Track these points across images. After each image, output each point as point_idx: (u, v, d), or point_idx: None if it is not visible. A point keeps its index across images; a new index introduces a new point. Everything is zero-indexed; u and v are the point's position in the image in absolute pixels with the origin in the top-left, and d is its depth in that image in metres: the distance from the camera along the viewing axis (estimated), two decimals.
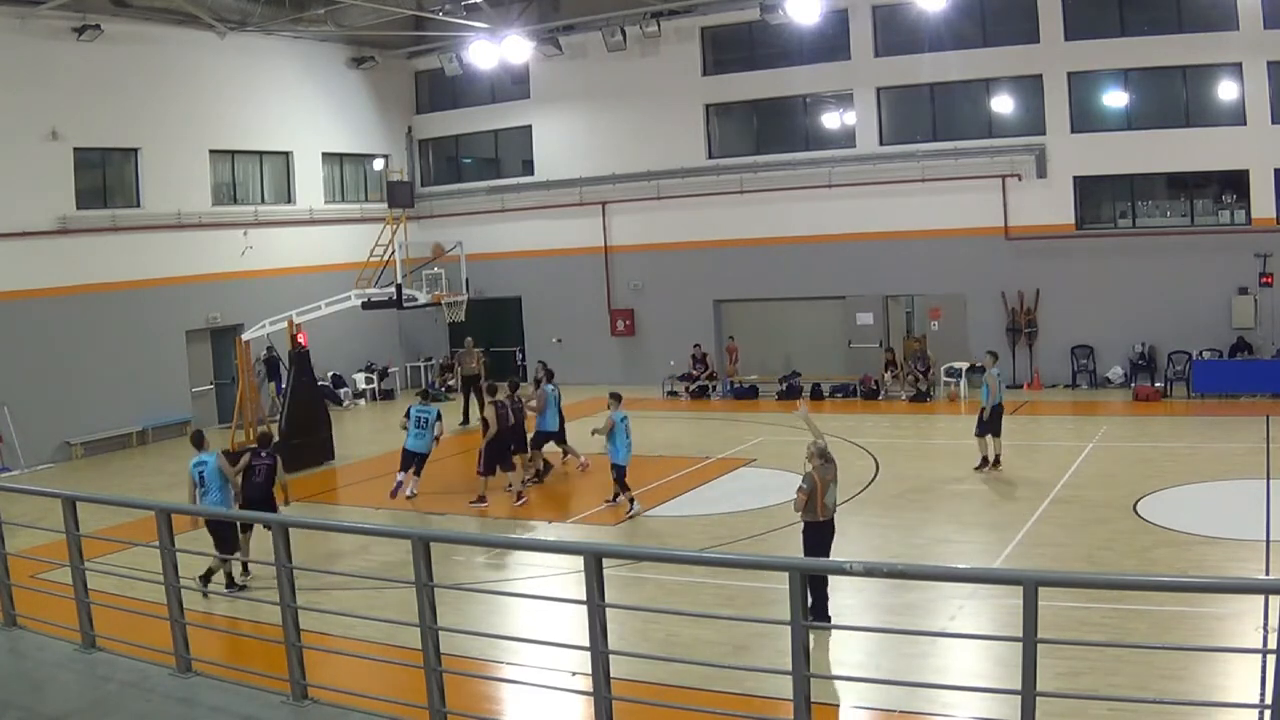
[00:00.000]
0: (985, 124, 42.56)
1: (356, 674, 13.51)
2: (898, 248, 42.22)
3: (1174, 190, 41.64)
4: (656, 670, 13.93)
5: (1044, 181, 41.02)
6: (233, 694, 11.57)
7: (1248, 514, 22.88)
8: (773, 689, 12.74)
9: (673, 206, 45.46)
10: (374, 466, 33.14)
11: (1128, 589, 17.09)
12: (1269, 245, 38.67)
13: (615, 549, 16.62)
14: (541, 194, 47.66)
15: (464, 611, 17.12)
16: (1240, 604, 16.77)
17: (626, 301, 47.07)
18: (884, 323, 43.72)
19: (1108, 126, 41.31)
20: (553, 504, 28.06)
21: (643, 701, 12.25)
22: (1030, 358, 41.63)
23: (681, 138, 45.34)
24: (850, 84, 43.44)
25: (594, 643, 9.53)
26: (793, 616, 8.98)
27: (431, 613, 10.16)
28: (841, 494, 24.99)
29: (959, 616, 17.25)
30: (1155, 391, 39.05)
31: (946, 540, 22.69)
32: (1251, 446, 29.70)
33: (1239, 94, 39.38)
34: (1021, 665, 8.42)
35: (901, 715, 14.31)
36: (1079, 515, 23.72)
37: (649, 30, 44.04)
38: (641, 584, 18.83)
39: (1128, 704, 13.71)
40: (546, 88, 47.55)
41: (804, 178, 43.40)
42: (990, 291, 41.71)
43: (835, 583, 17.65)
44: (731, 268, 44.52)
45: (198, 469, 20.05)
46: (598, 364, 46.33)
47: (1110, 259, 40.51)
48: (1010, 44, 41.28)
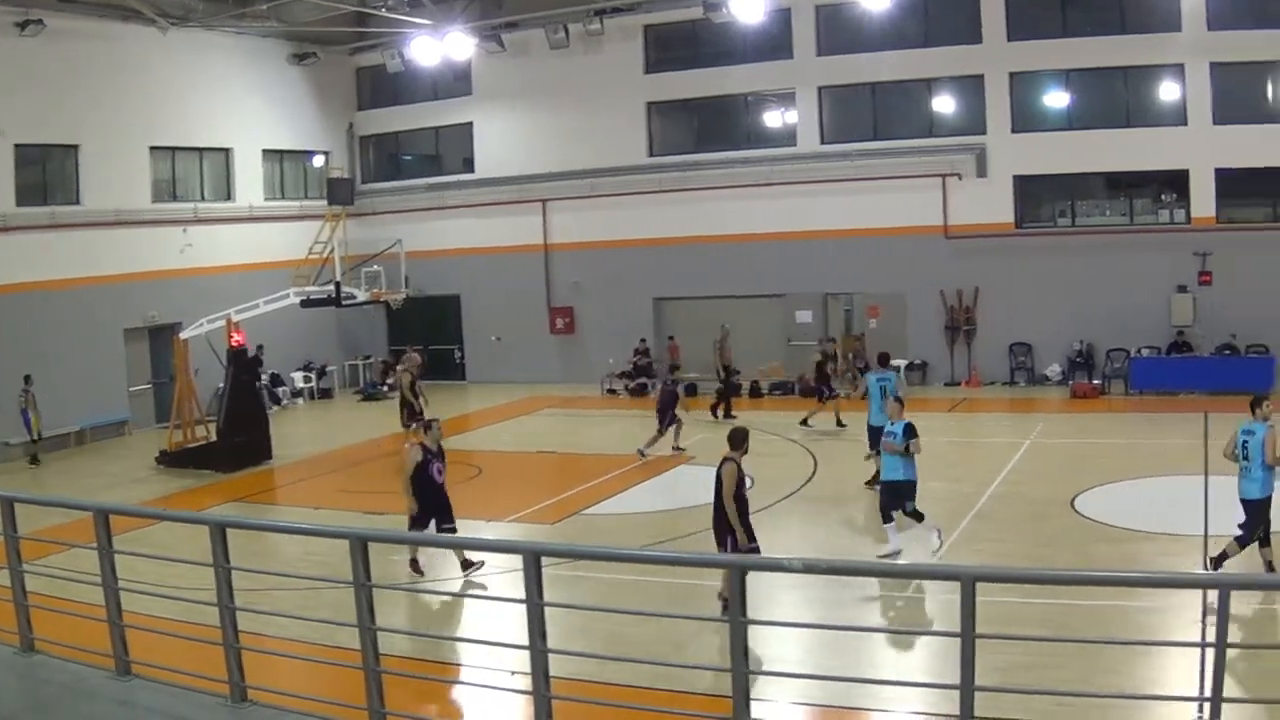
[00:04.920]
0: (926, 123, 42.60)
1: (296, 675, 13.48)
2: (838, 246, 41.93)
3: (1114, 190, 41.79)
4: (597, 668, 13.71)
5: (984, 181, 40.99)
6: (172, 696, 11.44)
7: (1185, 509, 23.03)
8: (713, 686, 12.77)
9: (613, 204, 45.02)
10: (312, 466, 33.11)
11: (1066, 584, 16.74)
12: (1208, 244, 38.90)
13: (554, 547, 16.50)
14: (482, 191, 47.07)
15: (403, 611, 17.20)
16: (1178, 598, 16.80)
17: (566, 300, 46.52)
18: (823, 321, 43.53)
19: (1048, 126, 41.45)
20: (492, 502, 27.58)
21: (583, 700, 12.17)
22: (969, 355, 41.66)
23: (623, 136, 44.93)
24: (792, 83, 43.20)
25: (533, 642, 9.50)
26: (731, 613, 8.97)
27: (370, 613, 10.07)
28: (780, 491, 25.30)
29: (898, 612, 17.42)
30: (1093, 389, 39.30)
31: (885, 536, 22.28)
32: (1189, 443, 29.50)
33: (1181, 95, 39.57)
34: (960, 660, 8.48)
35: (841, 711, 14.30)
36: (1017, 511, 23.80)
37: (592, 28, 43.49)
38: (581, 582, 18.48)
39: (1067, 698, 13.64)
40: (488, 85, 46.95)
41: (745, 176, 43.18)
42: (929, 290, 41.70)
43: (773, 580, 17.58)
44: (672, 266, 44.15)
45: None
46: (537, 362, 46.06)
47: (1049, 258, 40.44)
48: (952, 44, 41.26)
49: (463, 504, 26.46)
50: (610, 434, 35.97)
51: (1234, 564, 19.16)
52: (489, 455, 31.99)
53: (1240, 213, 40.28)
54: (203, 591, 11.25)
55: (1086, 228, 41.24)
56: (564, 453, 32.61)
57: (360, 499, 27.75)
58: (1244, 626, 16.42)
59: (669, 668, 14.28)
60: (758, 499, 24.89)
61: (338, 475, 31.69)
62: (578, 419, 39.14)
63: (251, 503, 28.52)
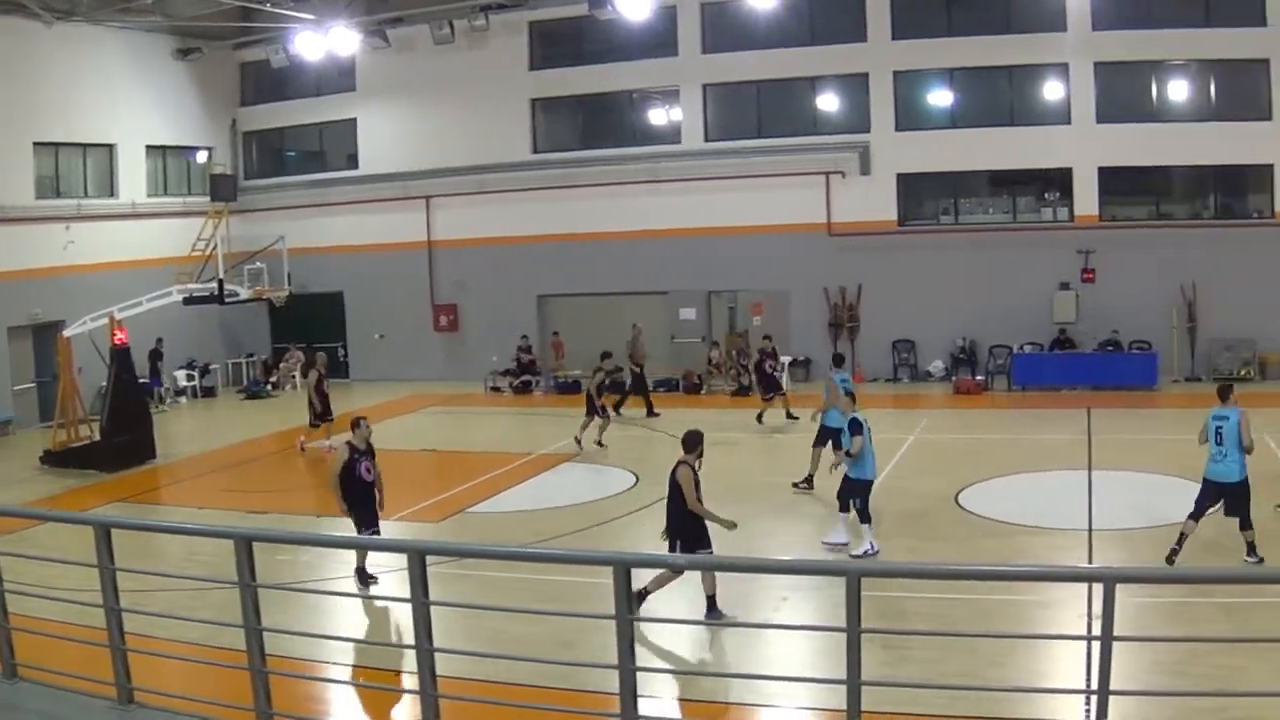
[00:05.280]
0: (810, 121, 42.86)
1: (184, 676, 13.22)
2: (722, 243, 41.97)
3: (997, 188, 42.23)
4: (483, 667, 13.71)
5: (868, 179, 41.30)
6: (59, 699, 11.24)
7: (1069, 504, 23.40)
8: (600, 683, 12.67)
9: (497, 201, 44.73)
10: (196, 465, 32.59)
11: (951, 578, 16.94)
12: (1091, 242, 39.57)
13: (438, 546, 16.29)
14: (365, 188, 46.57)
15: (289, 611, 16.91)
16: (1063, 592, 17.09)
17: (450, 297, 46.19)
18: (707, 319, 43.69)
19: (932, 125, 41.88)
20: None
21: (469, 699, 12.00)
22: (852, 352, 41.46)
23: (507, 132, 44.60)
24: (677, 80, 43.24)
25: (419, 640, 9.50)
26: (618, 610, 8.98)
27: (255, 613, 9.99)
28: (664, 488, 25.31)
29: (783, 608, 17.34)
30: (976, 385, 39.61)
31: (770, 533, 22.50)
32: (1072, 438, 30.32)
33: (1064, 94, 40.24)
34: (846, 655, 8.52)
35: (728, 707, 14.30)
36: (901, 506, 23.79)
37: (477, 24, 43.29)
38: (466, 580, 18.25)
39: (954, 691, 13.63)
40: (372, 81, 46.49)
41: (629, 173, 43.14)
42: (813, 287, 41.92)
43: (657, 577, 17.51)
44: (556, 263, 43.93)
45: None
46: (420, 360, 45.68)
47: (933, 255, 40.85)
48: (837, 43, 41.57)
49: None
50: (494, 432, 35.89)
51: (1120, 557, 19.86)
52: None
53: (1123, 211, 40.98)
54: (88, 593, 11.09)
55: (970, 225, 41.69)
56: (448, 451, 32.36)
57: (244, 498, 27.39)
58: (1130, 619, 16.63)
59: (557, 666, 14.15)
60: (645, 495, 24.88)
61: (221, 475, 31.21)
62: (462, 417, 38.93)
63: (136, 503, 27.91)
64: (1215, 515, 19.03)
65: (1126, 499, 23.96)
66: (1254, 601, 16.29)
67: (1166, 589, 16.70)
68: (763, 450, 31.38)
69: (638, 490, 26.31)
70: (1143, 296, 39.06)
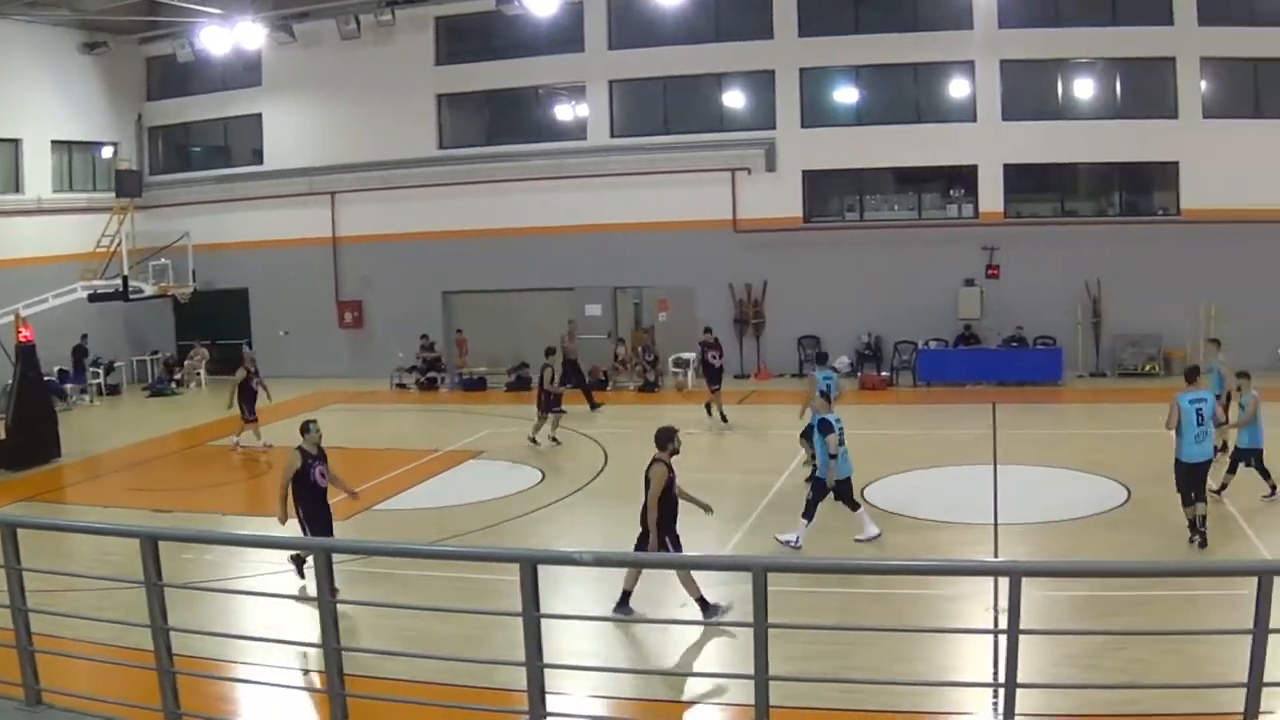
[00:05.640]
0: (717, 118, 42.89)
1: (93, 677, 13.11)
2: (627, 239, 41.95)
3: (903, 184, 42.45)
4: (392, 665, 13.86)
5: (773, 175, 41.37)
6: None
7: (975, 499, 23.51)
8: (509, 680, 12.47)
9: (403, 197, 44.34)
10: (102, 464, 32.09)
11: (857, 573, 17.19)
12: (996, 238, 39.82)
13: (345, 544, 16.15)
14: (270, 183, 45.90)
15: (196, 610, 16.68)
16: (970, 586, 17.09)
17: (355, 293, 45.82)
18: (613, 314, 43.63)
19: (838, 122, 42.07)
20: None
21: (378, 697, 12.06)
22: (758, 348, 41.93)
23: (413, 128, 44.25)
24: (583, 76, 43.09)
25: (326, 639, 9.47)
26: (524, 607, 8.95)
27: (162, 612, 9.91)
28: (570, 485, 25.28)
29: (690, 604, 17.25)
30: (882, 380, 39.79)
31: (677, 528, 22.59)
32: (977, 433, 30.46)
33: (970, 92, 40.55)
34: (754, 650, 8.53)
35: (636, 703, 14.23)
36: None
37: (383, 19, 42.83)
38: (373, 579, 18.41)
39: (862, 685, 13.77)
40: (278, 76, 45.92)
41: (535, 169, 42.88)
42: (718, 283, 41.93)
43: (567, 574, 17.63)
44: (461, 259, 43.63)
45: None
46: (325, 357, 45.17)
47: (838, 252, 40.91)
48: (743, 39, 41.61)
49: (255, 501, 26.50)
50: (400, 429, 35.71)
51: (1026, 551, 20.13)
52: (278, 452, 31.32)
53: (1028, 208, 41.31)
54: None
55: (875, 222, 41.80)
56: (354, 448, 31.92)
57: (150, 497, 27.11)
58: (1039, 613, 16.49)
59: (466, 663, 14.01)
60: (551, 492, 25.33)
61: (127, 473, 30.85)
62: (367, 414, 38.63)
63: (42, 502, 27.48)
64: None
65: (1032, 493, 24.18)
66: (1163, 595, 16.37)
67: (1075, 583, 16.77)
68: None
69: (543, 487, 26.29)
70: (1048, 293, 39.34)
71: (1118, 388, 38.17)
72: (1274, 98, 39.74)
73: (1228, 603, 15.39)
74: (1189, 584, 16.48)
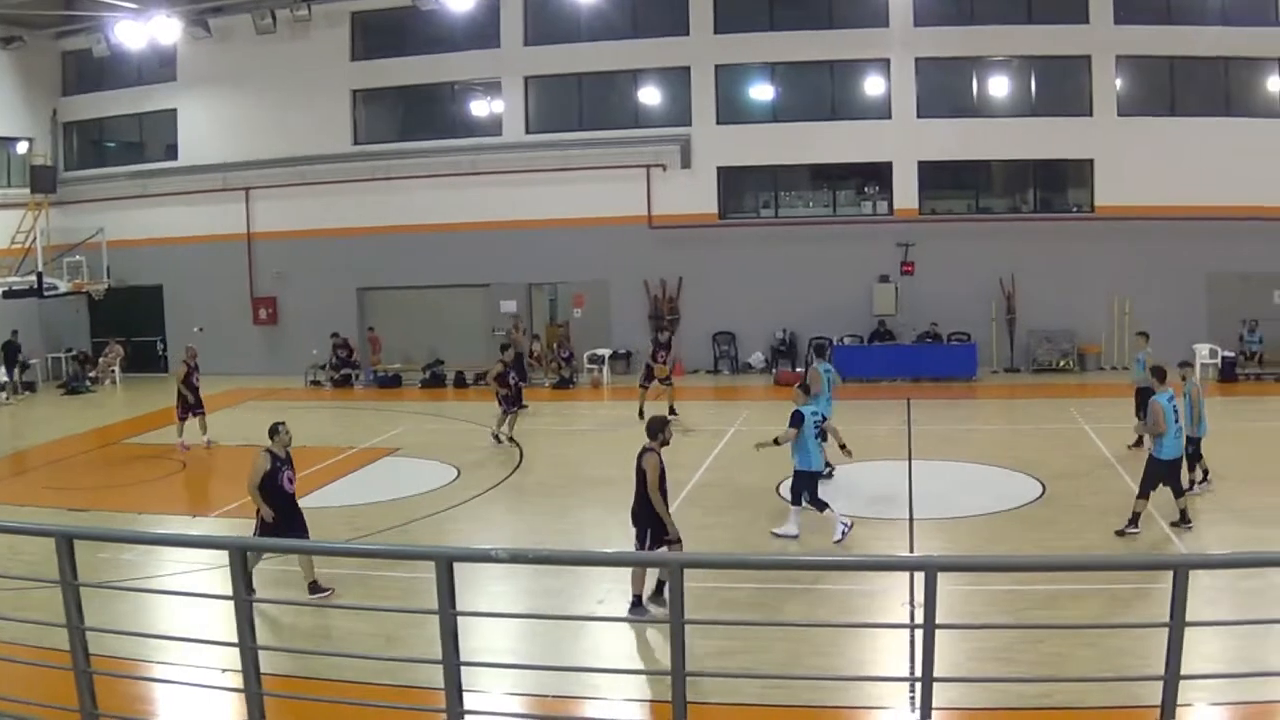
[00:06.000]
0: (632, 114, 42.83)
1: (9, 678, 12.68)
2: (543, 236, 41.81)
3: (818, 181, 42.59)
4: (309, 664, 13.80)
5: (688, 172, 41.41)
6: None
7: (891, 494, 23.51)
8: (426, 678, 12.30)
9: (318, 193, 44.01)
10: (15, 462, 31.47)
11: (773, 568, 17.08)
12: (910, 235, 39.97)
13: (260, 543, 16.05)
14: (185, 179, 45.36)
15: (113, 610, 16.48)
16: (886, 581, 17.03)
17: (269, 289, 45.39)
18: (528, 311, 43.42)
19: (754, 119, 42.14)
20: (196, 498, 27.00)
21: (295, 696, 11.98)
22: (672, 345, 41.74)
23: (328, 123, 43.94)
24: (499, 72, 42.91)
25: (242, 638, 9.30)
26: (440, 605, 8.83)
27: (78, 612, 9.68)
28: (486, 481, 25.14)
29: (608, 600, 17.08)
30: (796, 376, 39.50)
31: (593, 525, 22.52)
32: (892, 429, 30.52)
33: (885, 89, 40.74)
34: (670, 646, 8.45)
35: (554, 700, 13.97)
36: (723, 498, 23.70)
37: (299, 14, 42.58)
38: (289, 578, 18.10)
39: (780, 680, 13.74)
40: (193, 71, 45.41)
41: (451, 165, 42.73)
42: (633, 279, 41.98)
43: (483, 571, 17.45)
44: (376, 255, 43.40)
45: None
46: (240, 354, 44.54)
47: (753, 248, 41.07)
48: (660, 36, 41.63)
49: (167, 500, 26.08)
50: (314, 426, 35.36)
51: (941, 546, 20.03)
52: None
53: (943, 204, 41.57)
54: None
55: (790, 219, 41.94)
56: (194, 446, 31.69)
57: (65, 495, 26.45)
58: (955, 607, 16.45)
59: (382, 661, 14.05)
60: (466, 489, 25.09)
61: (42, 471, 30.31)
62: (281, 411, 37.76)
63: None
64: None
65: (947, 489, 24.20)
66: (1078, 589, 16.44)
67: (990, 578, 16.74)
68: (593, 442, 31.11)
69: (459, 484, 26.05)
70: (962, 289, 39.61)
71: (1032, 383, 38.38)
72: (1189, 95, 40.17)
73: (1142, 596, 15.78)
74: (1103, 578, 16.58)
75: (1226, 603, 15.63)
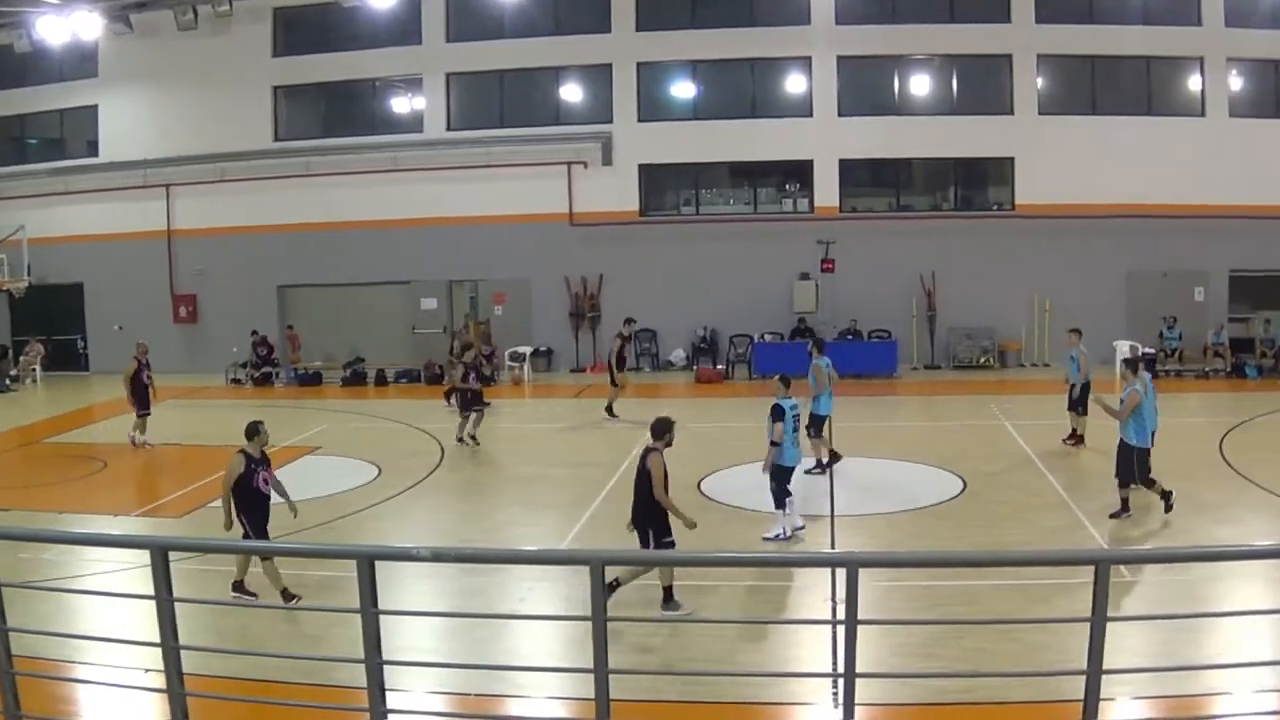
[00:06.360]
0: (554, 112, 42.74)
1: None
2: (464, 233, 41.72)
3: (739, 179, 42.79)
4: (232, 664, 13.57)
5: (610, 169, 41.44)
6: None
7: (811, 491, 23.36)
8: (349, 678, 12.09)
9: (239, 190, 43.57)
10: None
11: (693, 565, 16.99)
12: (831, 232, 39.96)
13: (181, 542, 15.77)
14: (106, 176, 44.72)
15: (35, 610, 16.31)
16: (807, 577, 17.16)
17: (189, 287, 44.93)
18: (449, 308, 43.37)
19: (675, 116, 42.15)
20: (117, 497, 26.22)
21: (218, 696, 11.81)
22: (594, 342, 42.01)
23: (249, 120, 43.55)
24: (420, 69, 42.80)
25: (164, 639, 9.16)
26: (362, 604, 8.76)
27: (0, 612, 9.54)
28: (407, 479, 24.97)
29: (529, 598, 17.06)
30: (717, 373, 39.80)
31: (515, 523, 22.44)
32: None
33: (807, 87, 40.87)
34: (593, 643, 8.41)
35: (477, 699, 13.83)
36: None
37: (221, 9, 41.76)
38: (211, 577, 17.79)
39: (703, 677, 13.73)
40: (115, 67, 44.91)
41: (372, 162, 42.49)
42: (554, 277, 41.93)
43: (405, 570, 17.27)
44: (297, 252, 43.09)
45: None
46: (160, 352, 41.93)
47: (674, 246, 41.13)
48: (582, 33, 41.63)
49: (88, 500, 25.55)
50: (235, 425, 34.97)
51: (862, 542, 20.10)
52: (113, 448, 30.69)
53: (863, 202, 41.72)
54: None
55: (711, 216, 42.03)
56: (190, 445, 31.46)
57: None
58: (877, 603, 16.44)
59: (305, 661, 13.88)
60: (388, 488, 24.81)
61: None
62: (202, 410, 38.01)
63: None
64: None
65: (868, 485, 24.29)
66: (998, 584, 16.56)
67: (911, 574, 16.69)
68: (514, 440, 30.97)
69: (380, 482, 25.79)
70: (883, 286, 39.87)
71: (952, 380, 38.55)
72: (1109, 94, 40.38)
73: (1062, 591, 15.73)
74: (1023, 574, 16.67)
75: (1151, 597, 15.89)
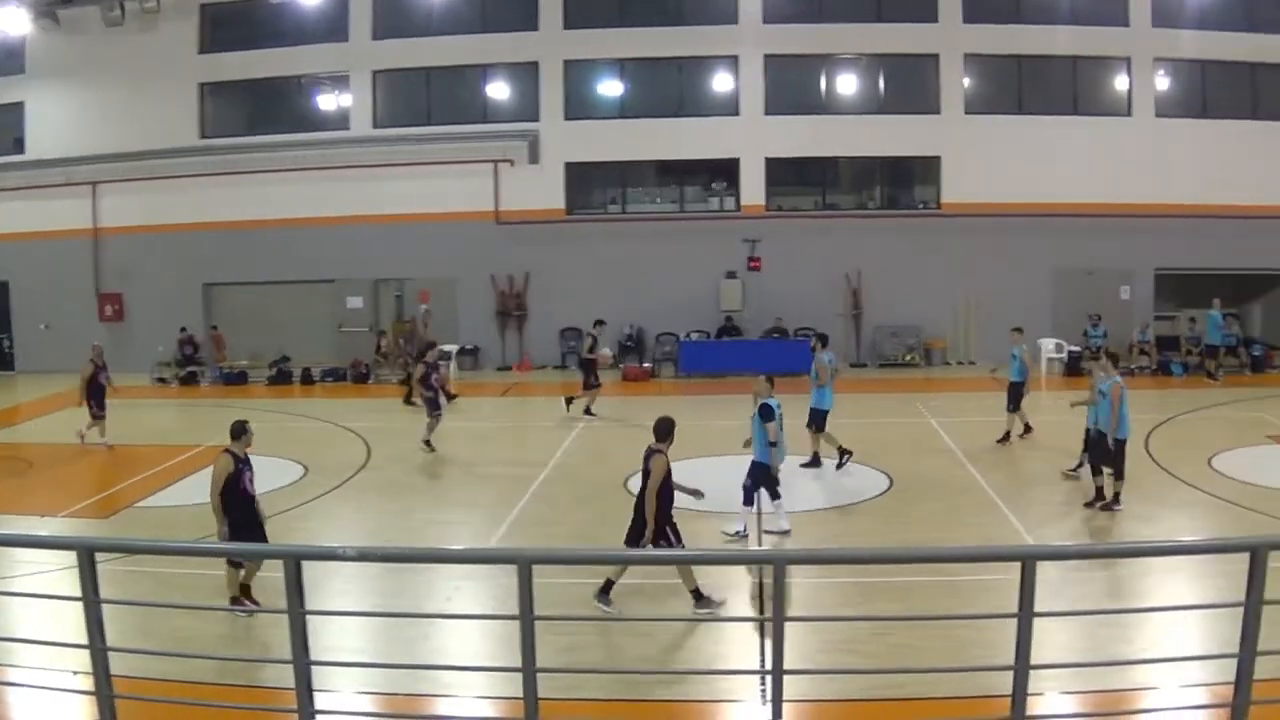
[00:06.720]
0: (480, 109, 42.65)
1: None
2: (389, 231, 41.61)
3: (666, 177, 42.83)
4: (160, 665, 13.42)
5: (536, 167, 41.38)
6: None
7: (738, 488, 23.40)
8: (277, 678, 12.41)
9: (164, 188, 43.13)
10: None
11: (623, 564, 16.74)
12: (757, 231, 40.21)
13: (107, 542, 15.72)
14: (32, 173, 44.28)
15: None
16: (735, 575, 17.24)
17: (115, 285, 44.50)
18: (374, 307, 43.30)
19: (602, 114, 42.14)
20: (43, 498, 25.74)
21: (146, 698, 11.51)
22: (520, 340, 42.05)
23: (175, 117, 43.16)
24: (347, 66, 42.56)
25: (92, 640, 9.17)
26: (289, 604, 8.80)
27: None
28: (333, 479, 24.86)
29: (456, 597, 17.07)
30: (644, 371, 39.87)
31: (442, 521, 22.48)
32: (739, 423, 30.22)
33: (734, 86, 40.99)
34: (521, 642, 8.52)
35: (406, 698, 13.82)
36: (571, 493, 23.78)
37: (148, 6, 41.95)
38: (139, 577, 17.67)
39: (632, 675, 13.80)
40: (42, 63, 44.35)
41: (297, 159, 42.22)
42: (480, 275, 41.91)
43: (332, 569, 17.35)
44: (222, 251, 42.81)
45: None
46: (86, 351, 42.46)
47: (601, 244, 41.20)
48: (509, 30, 41.59)
49: (12, 500, 25.10)
50: (160, 424, 35.04)
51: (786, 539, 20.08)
52: (39, 448, 30.49)
53: (789, 201, 41.82)
54: None
55: (638, 215, 42.09)
56: (116, 445, 31.37)
57: None
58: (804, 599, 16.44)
59: (234, 662, 14.05)
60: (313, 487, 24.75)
61: None
62: (128, 409, 37.77)
63: None
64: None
65: (795, 482, 24.12)
66: (925, 580, 16.65)
67: (838, 570, 16.82)
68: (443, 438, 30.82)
69: (306, 482, 25.67)
70: (809, 285, 40.11)
71: (878, 378, 38.81)
72: (1036, 94, 40.70)
73: (988, 588, 15.74)
74: (951, 570, 16.82)
75: (1078, 593, 15.93)
